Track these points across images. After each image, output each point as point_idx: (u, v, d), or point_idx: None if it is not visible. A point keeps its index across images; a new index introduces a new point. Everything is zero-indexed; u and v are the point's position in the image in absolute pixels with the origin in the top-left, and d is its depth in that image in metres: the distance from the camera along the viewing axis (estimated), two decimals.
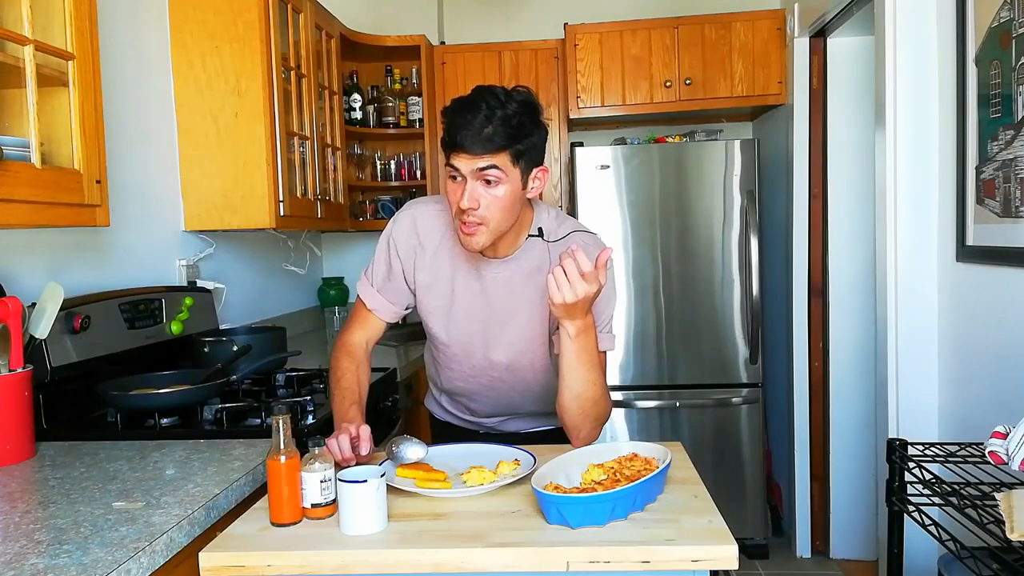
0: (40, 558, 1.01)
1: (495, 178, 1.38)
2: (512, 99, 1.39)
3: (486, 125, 1.36)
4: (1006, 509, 1.24)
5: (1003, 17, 1.77)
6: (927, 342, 2.18)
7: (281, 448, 1.17)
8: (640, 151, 3.17)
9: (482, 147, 1.36)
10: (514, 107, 1.38)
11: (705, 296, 3.17)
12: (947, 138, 2.07)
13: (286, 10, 2.54)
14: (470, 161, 1.38)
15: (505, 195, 1.40)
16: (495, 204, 1.40)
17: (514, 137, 1.37)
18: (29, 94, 1.41)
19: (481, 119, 1.36)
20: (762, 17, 3.27)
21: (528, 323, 1.56)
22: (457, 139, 1.37)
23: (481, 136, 1.36)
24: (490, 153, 1.37)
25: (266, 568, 1.07)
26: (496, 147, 1.37)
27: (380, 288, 1.63)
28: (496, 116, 1.36)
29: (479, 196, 1.39)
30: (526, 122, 1.39)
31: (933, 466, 1.62)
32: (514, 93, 1.40)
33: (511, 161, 1.39)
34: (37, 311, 1.61)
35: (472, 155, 1.37)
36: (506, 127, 1.36)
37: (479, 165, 1.37)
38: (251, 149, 2.35)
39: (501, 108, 1.37)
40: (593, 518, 1.10)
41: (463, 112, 1.38)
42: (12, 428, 1.47)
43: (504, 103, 1.37)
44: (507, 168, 1.39)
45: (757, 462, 3.20)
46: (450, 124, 1.39)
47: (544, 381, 1.63)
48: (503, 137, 1.36)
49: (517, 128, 1.38)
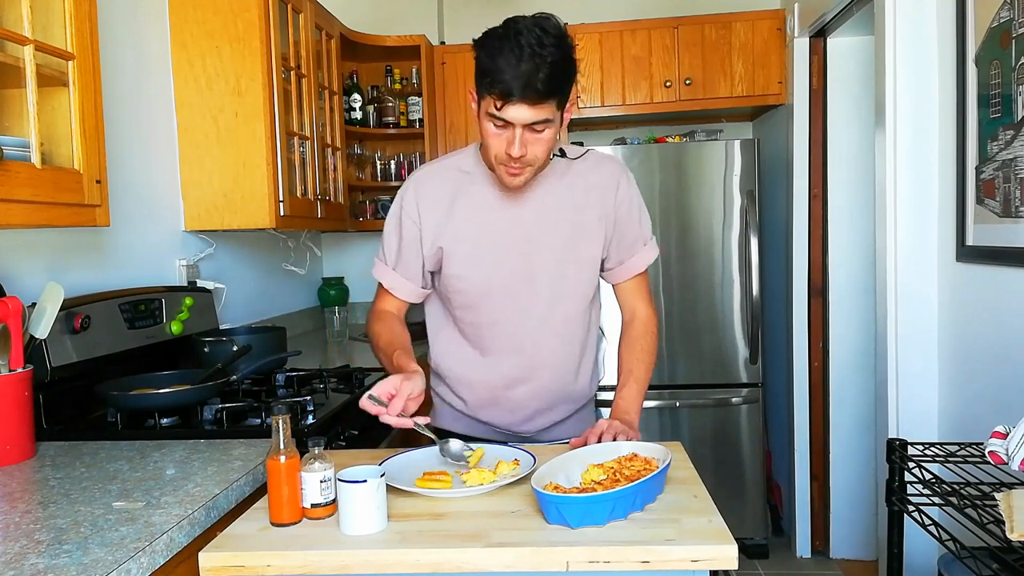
0: (40, 558, 1.01)
1: (544, 126, 1.36)
2: (549, 33, 1.32)
3: (538, 70, 1.29)
4: (1006, 509, 1.24)
5: (1003, 17, 1.77)
6: (927, 342, 2.18)
7: (281, 448, 1.17)
8: (640, 151, 3.17)
9: (537, 95, 1.31)
10: (554, 43, 1.31)
11: (705, 296, 3.17)
12: (947, 138, 2.07)
13: (286, 10, 2.54)
14: (523, 112, 1.33)
15: (551, 136, 1.39)
16: (542, 146, 1.40)
17: (563, 80, 1.34)
18: (29, 94, 1.41)
19: (531, 67, 1.29)
20: (762, 17, 3.27)
21: (567, 242, 1.54)
22: (509, 90, 1.30)
23: (536, 82, 1.29)
24: (544, 102, 1.32)
25: (266, 568, 1.07)
26: (549, 94, 1.32)
27: (395, 265, 1.59)
28: (546, 60, 1.29)
29: (527, 142, 1.37)
30: (568, 61, 1.35)
31: (933, 466, 1.62)
32: (550, 28, 1.33)
33: (558, 106, 1.36)
34: (37, 311, 1.61)
35: (527, 104, 1.31)
36: (555, 73, 1.31)
37: (532, 119, 1.34)
38: (251, 149, 2.35)
39: (543, 47, 1.30)
40: (593, 518, 1.10)
41: (507, 56, 1.30)
42: (12, 428, 1.47)
43: (543, 38, 1.30)
44: (554, 115, 1.36)
45: (757, 462, 3.20)
46: (495, 68, 1.31)
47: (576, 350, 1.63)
48: (555, 83, 1.32)
49: (564, 69, 1.33)
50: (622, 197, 1.57)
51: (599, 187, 1.56)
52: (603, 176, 1.57)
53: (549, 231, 1.53)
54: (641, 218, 1.61)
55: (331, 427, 1.82)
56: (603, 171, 1.57)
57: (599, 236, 1.56)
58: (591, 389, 1.72)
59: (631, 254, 1.61)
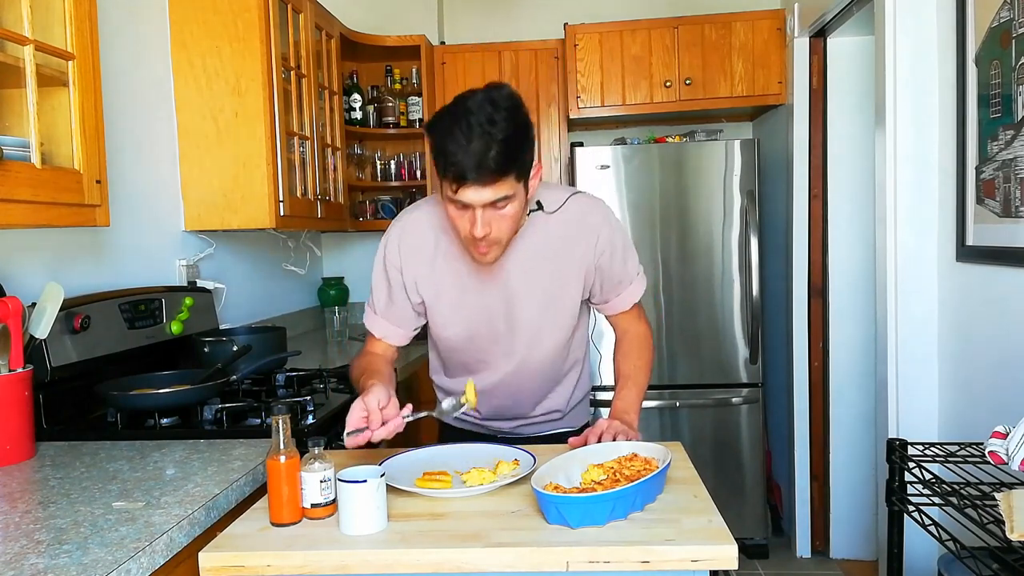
0: (40, 558, 1.01)
1: (505, 203, 1.34)
2: (499, 107, 1.28)
3: (488, 149, 1.26)
4: (1006, 509, 1.24)
5: (1003, 17, 1.77)
6: (927, 342, 2.18)
7: (281, 448, 1.17)
8: (640, 151, 3.17)
9: (490, 175, 1.28)
10: (505, 117, 1.28)
11: (705, 296, 3.17)
12: (947, 138, 2.07)
13: (286, 10, 2.54)
14: (478, 193, 1.30)
15: (514, 212, 1.37)
16: (507, 223, 1.37)
17: (517, 153, 1.31)
18: (29, 94, 1.41)
19: (481, 146, 1.26)
20: (762, 17, 3.27)
21: (545, 298, 1.55)
22: (462, 171, 1.28)
23: (487, 161, 1.27)
24: (498, 180, 1.29)
25: (266, 568, 1.07)
26: (502, 172, 1.29)
27: (384, 313, 1.59)
28: (496, 137, 1.26)
29: (490, 221, 1.35)
30: (521, 131, 1.32)
31: (933, 466, 1.62)
32: (501, 100, 1.30)
33: (517, 179, 1.33)
34: (37, 311, 1.61)
35: (480, 185, 1.29)
36: (508, 149, 1.28)
37: (489, 198, 1.31)
38: (251, 149, 2.35)
39: (493, 124, 1.26)
40: (593, 518, 1.10)
41: (457, 138, 1.27)
42: (12, 428, 1.47)
43: (493, 115, 1.27)
44: (515, 189, 1.33)
45: (757, 462, 3.20)
46: (445, 151, 1.29)
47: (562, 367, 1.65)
48: (507, 159, 1.29)
49: (516, 143, 1.30)
50: (603, 245, 1.54)
51: (579, 238, 1.53)
52: (583, 227, 1.53)
53: (531, 284, 1.53)
54: (626, 258, 1.59)
55: (331, 427, 1.82)
56: (583, 221, 1.53)
57: (580, 283, 1.55)
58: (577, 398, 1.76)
59: (617, 293, 1.61)
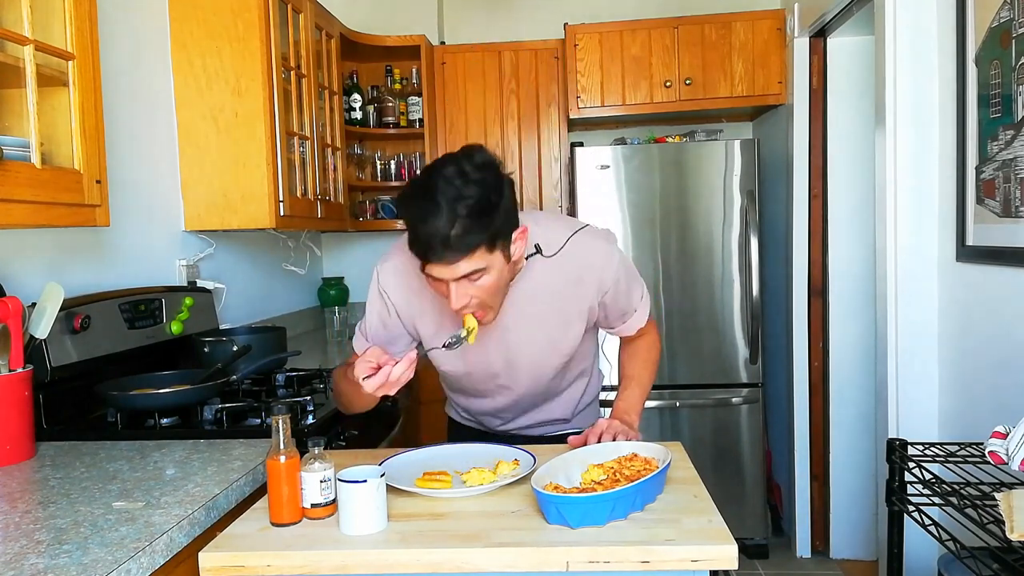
0: (40, 558, 1.01)
1: (479, 275, 1.29)
2: (469, 179, 1.23)
3: (452, 225, 1.22)
4: (1006, 509, 1.24)
5: (1003, 17, 1.77)
6: (927, 342, 2.18)
7: (281, 448, 1.17)
8: (640, 151, 3.17)
9: (455, 252, 1.24)
10: (475, 190, 1.23)
11: (705, 296, 3.17)
12: (947, 138, 2.07)
13: (286, 10, 2.54)
14: (448, 269, 1.26)
15: (493, 281, 1.32)
16: (488, 291, 1.33)
17: (485, 225, 1.25)
18: (29, 94, 1.41)
19: (445, 221, 1.21)
20: (762, 17, 3.27)
21: (545, 342, 1.54)
22: (427, 252, 1.25)
23: (451, 240, 1.22)
24: (466, 255, 1.25)
25: (266, 568, 1.07)
26: (470, 247, 1.24)
27: (374, 340, 1.55)
28: (460, 213, 1.22)
29: (468, 294, 1.31)
30: (492, 198, 1.25)
31: (933, 466, 1.62)
32: (472, 172, 1.24)
33: (488, 251, 1.27)
34: (37, 311, 1.61)
35: (448, 263, 1.25)
36: (473, 220, 1.23)
37: (460, 273, 1.27)
38: (251, 149, 2.35)
39: (460, 199, 1.22)
40: (593, 518, 1.10)
41: (423, 216, 1.23)
42: (12, 428, 1.47)
43: (462, 189, 1.22)
44: (488, 261, 1.28)
45: (757, 462, 3.20)
46: (413, 229, 1.26)
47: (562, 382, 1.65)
48: (474, 233, 1.24)
49: (485, 214, 1.24)
50: (607, 282, 1.50)
51: (581, 281, 1.49)
52: (585, 269, 1.48)
53: (531, 330, 1.51)
54: (630, 290, 1.56)
55: (331, 427, 1.83)
56: (585, 263, 1.48)
57: (583, 322, 1.54)
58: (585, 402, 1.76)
59: (623, 322, 1.61)
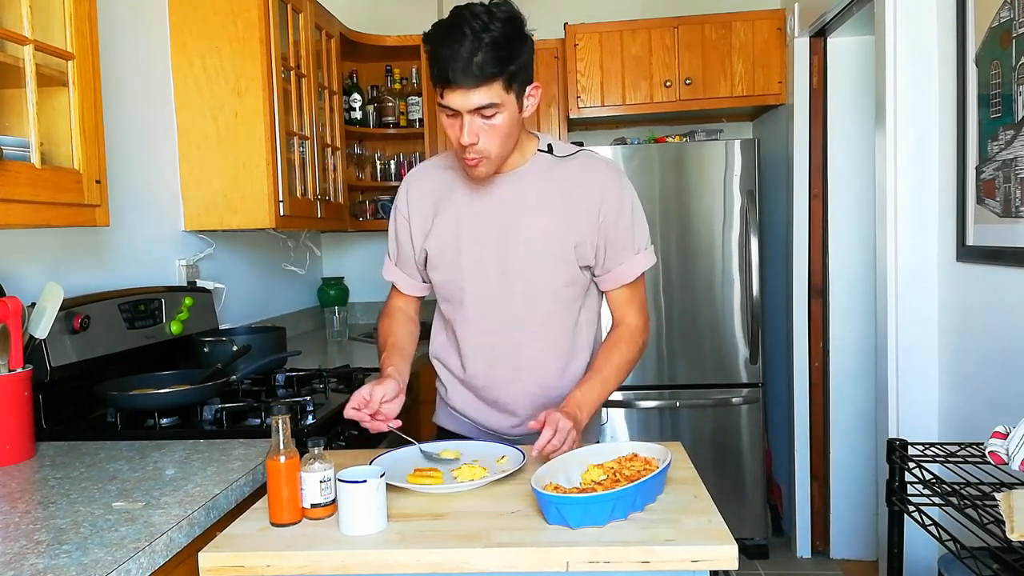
0: (40, 558, 1.01)
1: (493, 111, 1.35)
2: (496, 17, 1.31)
3: (475, 53, 1.28)
4: (1006, 509, 1.24)
5: (1003, 17, 1.77)
6: (927, 342, 2.18)
7: (281, 448, 1.17)
8: (640, 151, 3.17)
9: (475, 79, 1.30)
10: (500, 26, 1.30)
11: (705, 296, 3.17)
12: (947, 138, 2.07)
13: (286, 10, 2.54)
14: (464, 97, 1.32)
15: (504, 123, 1.37)
16: (495, 134, 1.38)
17: (506, 60, 1.31)
18: (29, 94, 1.41)
19: (468, 47, 1.28)
20: (762, 17, 3.26)
21: (542, 237, 1.50)
22: (448, 73, 1.30)
23: (472, 66, 1.29)
24: (484, 84, 1.31)
25: (266, 568, 1.07)
26: (489, 76, 1.30)
27: (398, 262, 1.66)
28: (484, 41, 1.28)
29: (478, 130, 1.36)
30: (515, 40, 1.33)
31: (933, 466, 1.62)
32: (496, 10, 1.32)
33: (505, 88, 1.33)
34: (37, 311, 1.61)
35: (466, 89, 1.31)
36: (496, 51, 1.29)
37: (475, 104, 1.33)
38: (251, 149, 2.35)
39: (486, 31, 1.29)
40: (593, 518, 1.10)
41: (447, 41, 1.30)
42: (12, 428, 1.47)
43: (488, 23, 1.29)
44: (503, 98, 1.34)
45: (757, 462, 3.20)
46: (436, 56, 1.32)
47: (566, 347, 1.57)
48: (494, 63, 1.30)
49: (507, 49, 1.31)
50: (611, 202, 1.50)
51: (587, 189, 1.50)
52: (592, 178, 1.51)
53: (525, 227, 1.51)
54: (634, 226, 1.54)
55: (331, 427, 1.82)
56: (594, 173, 1.52)
57: (578, 235, 1.50)
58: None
59: (619, 262, 1.54)
